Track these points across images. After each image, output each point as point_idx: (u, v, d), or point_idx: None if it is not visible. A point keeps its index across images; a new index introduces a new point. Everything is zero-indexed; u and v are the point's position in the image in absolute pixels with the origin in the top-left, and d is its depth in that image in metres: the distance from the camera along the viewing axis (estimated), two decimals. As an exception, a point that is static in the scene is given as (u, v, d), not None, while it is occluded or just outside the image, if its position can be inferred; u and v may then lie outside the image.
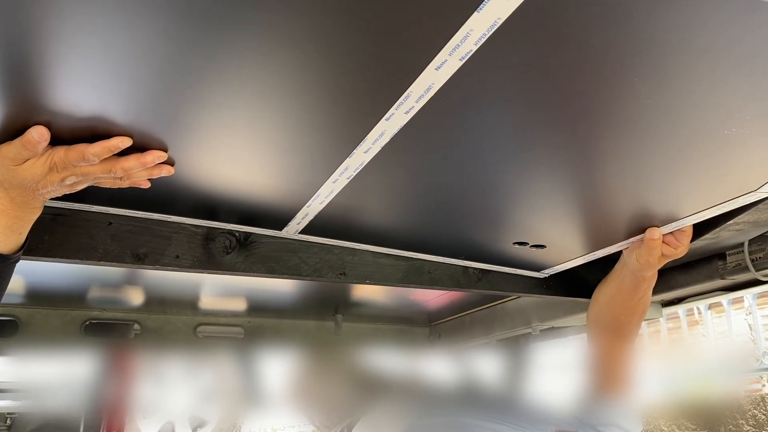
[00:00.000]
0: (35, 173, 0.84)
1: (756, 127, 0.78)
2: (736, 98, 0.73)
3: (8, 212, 0.88)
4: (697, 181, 0.95)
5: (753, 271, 1.31)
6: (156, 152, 0.87)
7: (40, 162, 0.84)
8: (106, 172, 0.87)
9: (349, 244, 1.26)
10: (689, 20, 0.59)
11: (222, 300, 2.13)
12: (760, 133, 0.80)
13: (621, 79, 0.69)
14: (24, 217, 0.90)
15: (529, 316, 2.01)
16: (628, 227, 1.13)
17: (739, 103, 0.74)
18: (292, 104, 0.76)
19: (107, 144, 0.83)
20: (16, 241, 0.92)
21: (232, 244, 1.19)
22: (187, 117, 0.79)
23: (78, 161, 0.84)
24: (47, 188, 0.87)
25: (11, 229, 0.90)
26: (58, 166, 0.84)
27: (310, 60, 0.67)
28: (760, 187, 0.95)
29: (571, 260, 1.35)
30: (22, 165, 0.83)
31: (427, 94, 0.71)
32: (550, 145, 0.85)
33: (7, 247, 0.91)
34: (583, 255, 1.30)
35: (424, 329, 2.58)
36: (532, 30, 0.61)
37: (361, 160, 0.88)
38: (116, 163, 0.87)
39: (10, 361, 2.32)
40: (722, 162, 0.88)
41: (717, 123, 0.78)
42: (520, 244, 1.25)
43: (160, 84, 0.71)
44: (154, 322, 2.15)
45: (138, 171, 0.88)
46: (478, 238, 1.26)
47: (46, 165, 0.84)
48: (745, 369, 4.54)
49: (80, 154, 0.83)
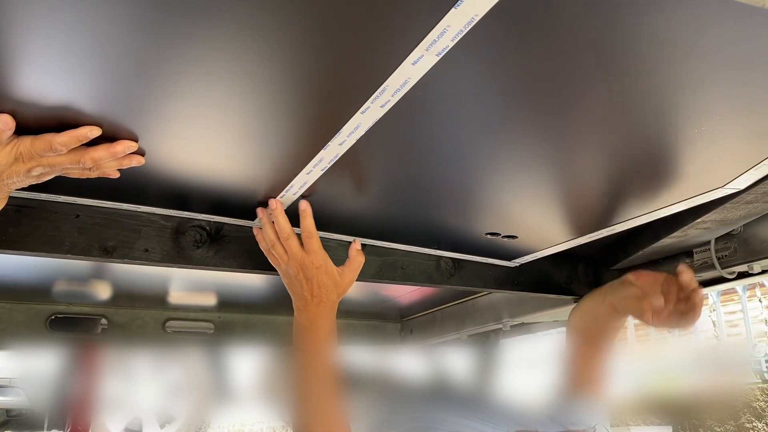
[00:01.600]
0: (1, 161, 0.81)
1: (724, 128, 0.81)
2: (706, 100, 0.75)
3: None
4: (666, 176, 0.98)
5: (719, 268, 1.34)
6: (126, 142, 0.85)
7: (5, 151, 0.81)
8: (75, 163, 0.85)
9: (324, 234, 1.26)
10: (663, 25, 0.61)
11: (192, 295, 2.10)
12: (728, 132, 0.83)
13: (594, 78, 0.70)
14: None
15: (499, 312, 2.03)
16: (598, 220, 1.17)
17: (709, 104, 0.76)
18: (265, 95, 0.75)
19: (75, 133, 0.81)
20: None
21: (202, 238, 1.18)
22: (158, 105, 0.78)
23: (45, 151, 0.82)
24: (12, 179, 0.84)
25: None
26: (24, 156, 0.82)
27: (285, 52, 0.66)
28: (727, 183, 0.98)
29: (542, 250, 1.38)
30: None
31: (403, 89, 0.71)
32: (523, 140, 0.87)
33: None
34: (554, 246, 1.33)
35: (396, 325, 2.58)
36: (509, 28, 0.61)
37: (335, 153, 0.88)
38: (85, 154, 0.84)
39: (-28, 356, 2.27)
40: (691, 159, 0.91)
41: (687, 122, 0.80)
42: (492, 234, 1.27)
43: (129, 72, 0.70)
44: (121, 316, 2.11)
45: (108, 161, 0.86)
46: (451, 228, 1.27)
47: (11, 155, 0.82)
48: (708, 365, 4.63)
49: (47, 143, 0.81)
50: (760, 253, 1.28)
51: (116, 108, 0.78)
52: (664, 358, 5.36)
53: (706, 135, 0.83)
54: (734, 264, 1.32)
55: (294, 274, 1.09)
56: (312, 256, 1.09)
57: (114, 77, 0.71)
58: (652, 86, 0.72)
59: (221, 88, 0.73)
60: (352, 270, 1.16)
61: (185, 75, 0.71)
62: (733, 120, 0.81)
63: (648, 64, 0.68)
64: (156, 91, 0.74)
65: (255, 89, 0.74)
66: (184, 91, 0.74)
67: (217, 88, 0.73)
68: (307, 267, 1.08)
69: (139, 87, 0.73)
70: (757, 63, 0.68)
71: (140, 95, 0.75)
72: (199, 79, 0.71)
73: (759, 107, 0.78)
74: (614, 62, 0.68)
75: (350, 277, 1.16)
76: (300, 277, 1.09)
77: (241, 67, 0.69)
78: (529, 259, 1.43)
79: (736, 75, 0.70)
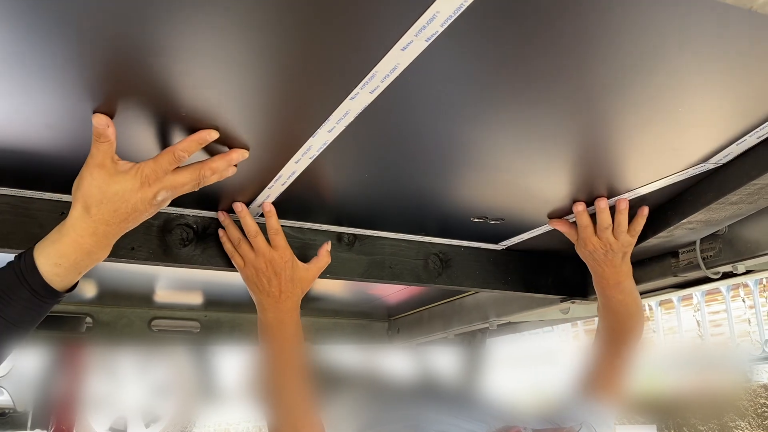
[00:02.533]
0: (126, 187, 0.82)
1: (706, 106, 0.85)
2: (690, 81, 0.78)
3: (83, 246, 0.83)
4: (652, 153, 1.00)
5: (704, 268, 1.35)
6: (240, 150, 0.89)
7: (128, 178, 0.82)
8: (196, 178, 0.87)
9: (311, 225, 1.26)
10: (647, 10, 0.62)
11: (178, 293, 2.09)
12: (709, 111, 0.87)
13: (583, 60, 0.72)
14: (94, 254, 0.85)
15: (486, 311, 2.03)
16: (585, 199, 1.18)
17: (692, 85, 0.79)
18: (253, 84, 0.75)
19: (195, 138, 0.83)
20: (73, 280, 0.86)
21: (189, 236, 1.17)
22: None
23: (170, 164, 0.83)
24: (139, 210, 0.84)
25: (77, 266, 0.84)
26: (150, 178, 0.83)
27: (273, 38, 0.66)
28: (711, 157, 1.02)
29: (528, 231, 1.39)
30: (113, 178, 0.81)
31: (392, 74, 0.72)
32: (511, 123, 0.88)
33: (62, 284, 0.84)
34: (540, 227, 1.34)
35: (383, 324, 2.58)
36: (498, 13, 0.62)
37: (324, 140, 0.88)
38: (204, 166, 0.87)
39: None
40: (676, 136, 0.94)
41: (672, 102, 0.82)
42: (480, 218, 1.28)
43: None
44: (107, 315, 2.10)
45: (223, 170, 0.89)
46: (439, 214, 1.28)
47: (136, 180, 0.82)
48: (692, 364, 4.66)
49: (170, 155, 0.83)
50: (744, 254, 1.29)
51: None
52: (649, 357, 5.40)
53: (690, 113, 0.86)
54: (719, 264, 1.33)
55: (262, 270, 1.12)
56: (280, 251, 1.12)
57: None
58: (637, 69, 0.74)
59: (205, 76, 0.73)
60: (318, 268, 1.19)
61: (169, 59, 0.70)
62: (715, 99, 0.84)
63: (632, 49, 0.69)
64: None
65: (241, 77, 0.73)
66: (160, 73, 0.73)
67: (201, 76, 0.73)
68: (276, 261, 1.12)
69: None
70: (735, 46, 0.70)
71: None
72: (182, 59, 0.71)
73: (737, 87, 0.80)
74: (601, 47, 0.69)
75: (315, 274, 1.19)
76: (268, 273, 1.12)
77: (225, 53, 0.69)
78: (516, 240, 1.44)
79: (715, 58, 0.72)
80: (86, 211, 0.81)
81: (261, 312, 1.16)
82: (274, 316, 1.14)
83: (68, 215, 0.83)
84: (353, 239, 1.34)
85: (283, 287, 1.13)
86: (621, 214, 1.18)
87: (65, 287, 0.85)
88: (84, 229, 0.82)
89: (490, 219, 1.28)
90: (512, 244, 1.48)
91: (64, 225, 0.83)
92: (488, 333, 2.38)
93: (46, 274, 0.81)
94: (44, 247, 0.83)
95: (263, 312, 1.15)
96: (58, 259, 0.82)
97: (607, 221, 1.19)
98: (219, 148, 0.89)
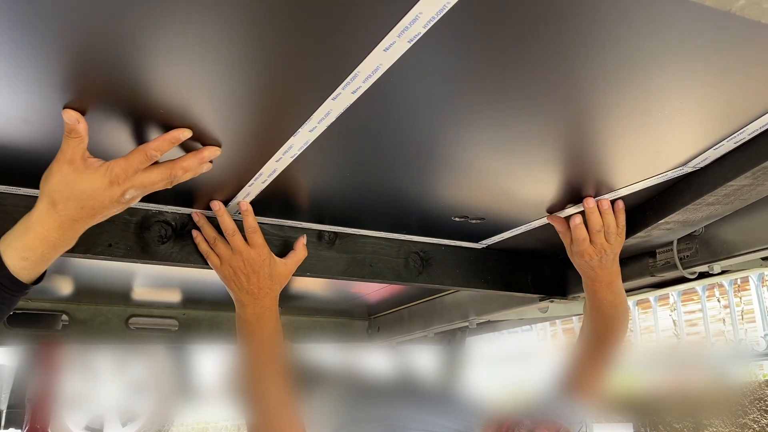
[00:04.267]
0: (95, 185, 0.81)
1: (686, 110, 0.85)
2: (670, 85, 0.78)
3: (49, 240, 0.83)
4: (633, 155, 1.01)
5: (680, 268, 1.36)
6: (212, 147, 0.88)
7: (98, 175, 0.81)
8: (166, 177, 0.86)
9: (292, 223, 1.26)
10: (627, 14, 0.63)
11: (156, 291, 2.07)
12: (689, 114, 0.87)
13: (564, 63, 0.72)
14: (60, 247, 0.86)
15: (466, 310, 2.04)
16: (565, 199, 1.19)
17: (672, 89, 0.79)
18: (235, 80, 0.74)
19: (167, 137, 0.82)
20: (39, 271, 0.86)
21: (167, 233, 1.16)
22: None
23: (141, 163, 0.82)
24: (107, 207, 0.84)
25: (44, 258, 0.85)
26: (120, 177, 0.82)
27: (255, 36, 0.66)
28: (689, 161, 1.03)
29: (508, 231, 1.39)
30: (82, 175, 0.80)
31: (374, 75, 0.71)
32: (492, 125, 0.88)
33: (29, 276, 0.85)
34: (521, 226, 1.35)
35: (364, 322, 2.58)
36: (481, 15, 0.62)
37: (306, 139, 0.88)
38: (175, 165, 0.86)
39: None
40: (656, 139, 0.95)
41: (653, 105, 0.83)
42: (461, 218, 1.28)
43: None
44: (83, 312, 2.07)
45: (196, 168, 0.88)
46: (420, 213, 1.28)
47: (105, 178, 0.81)
48: (668, 363, 4.72)
49: (141, 154, 0.82)
50: (720, 254, 1.31)
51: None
52: (626, 356, 5.46)
53: (669, 117, 0.87)
54: (695, 264, 1.35)
55: (240, 268, 1.12)
56: (258, 249, 1.12)
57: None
58: (617, 72, 0.74)
59: (188, 73, 0.72)
60: (295, 262, 1.20)
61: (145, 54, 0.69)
62: (694, 103, 0.84)
63: (614, 51, 0.70)
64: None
65: (220, 75, 0.73)
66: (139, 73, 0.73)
67: (177, 74, 0.72)
68: (254, 260, 1.12)
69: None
70: (715, 51, 0.70)
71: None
72: (161, 62, 0.70)
73: (716, 92, 0.81)
74: (583, 49, 0.69)
75: (292, 268, 1.20)
76: (246, 271, 1.12)
77: (207, 50, 0.68)
78: (496, 240, 1.45)
79: (695, 61, 0.73)
80: (53, 206, 0.81)
81: (240, 308, 1.15)
82: (253, 311, 1.14)
83: (34, 208, 0.83)
84: (334, 237, 1.33)
85: (262, 284, 1.13)
86: (608, 215, 1.19)
87: (32, 279, 0.85)
88: (50, 224, 0.82)
89: (471, 218, 1.29)
90: (492, 243, 1.48)
91: (30, 218, 0.83)
92: (468, 332, 2.39)
93: (13, 268, 0.82)
94: (10, 241, 0.83)
95: (242, 308, 1.15)
96: (24, 252, 0.82)
97: (599, 222, 1.19)
98: (194, 145, 0.89)
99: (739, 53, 0.71)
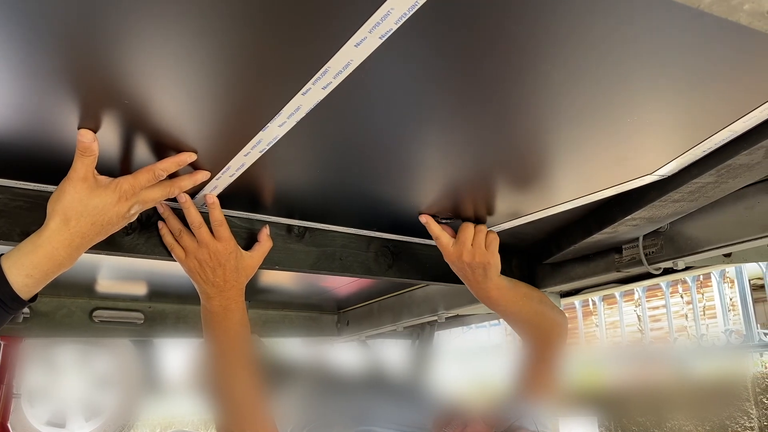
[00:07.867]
0: (105, 201, 0.86)
1: (652, 118, 0.86)
2: (638, 92, 0.79)
3: (56, 258, 0.86)
4: (599, 162, 1.02)
5: (646, 264, 1.39)
6: (204, 172, 0.97)
7: (108, 193, 0.87)
8: (165, 195, 0.94)
9: (261, 217, 1.25)
10: (598, 19, 0.63)
11: (121, 283, 2.03)
12: (656, 123, 0.88)
13: (536, 65, 0.72)
14: (64, 267, 0.88)
15: (435, 304, 2.05)
16: (534, 202, 1.21)
17: (640, 96, 0.80)
18: (197, 75, 0.73)
19: (176, 159, 0.90)
20: (38, 289, 0.88)
21: (132, 225, 1.13)
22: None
23: (149, 181, 0.89)
24: (113, 223, 0.90)
25: (47, 277, 0.87)
26: (127, 193, 0.88)
27: (221, 27, 0.64)
28: (656, 170, 1.04)
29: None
30: (94, 192, 0.85)
31: (345, 71, 0.71)
32: (464, 123, 0.88)
33: (29, 294, 0.86)
34: (492, 227, 1.37)
35: (333, 316, 2.57)
36: (453, 12, 0.61)
37: (274, 134, 0.87)
38: (173, 185, 0.95)
39: None
40: (623, 146, 0.95)
41: (620, 112, 0.84)
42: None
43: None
44: (45, 305, 2.02)
45: (188, 188, 0.98)
46: (390, 211, 1.28)
47: (114, 195, 0.87)
48: (632, 358, 4.81)
49: (150, 173, 0.89)
50: (684, 250, 1.33)
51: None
52: (591, 351, 5.55)
53: (637, 124, 0.87)
54: (660, 260, 1.37)
55: (206, 261, 1.11)
56: (224, 242, 1.11)
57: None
58: (585, 77, 0.74)
59: (155, 64, 0.70)
60: (261, 253, 1.19)
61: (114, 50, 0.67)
62: (661, 111, 0.85)
63: (582, 54, 0.69)
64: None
65: (192, 66, 0.71)
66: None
67: (151, 64, 0.71)
68: (221, 253, 1.11)
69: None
70: (682, 59, 0.71)
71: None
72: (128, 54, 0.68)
73: (683, 100, 0.82)
74: (551, 50, 0.69)
75: (258, 260, 1.19)
76: (212, 264, 1.11)
77: (176, 43, 0.66)
78: None
79: (663, 69, 0.73)
80: (65, 224, 0.85)
81: (205, 300, 1.14)
82: (219, 303, 1.13)
83: (44, 227, 0.86)
84: (303, 231, 1.32)
85: (228, 276, 1.12)
86: (480, 233, 1.27)
87: (30, 296, 0.87)
88: (60, 242, 0.85)
89: (441, 218, 1.29)
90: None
91: (40, 236, 0.85)
92: (437, 326, 2.40)
93: (16, 285, 0.83)
94: (16, 258, 0.84)
95: (208, 300, 1.14)
96: (31, 270, 0.84)
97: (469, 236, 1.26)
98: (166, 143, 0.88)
99: (709, 55, 0.70)
